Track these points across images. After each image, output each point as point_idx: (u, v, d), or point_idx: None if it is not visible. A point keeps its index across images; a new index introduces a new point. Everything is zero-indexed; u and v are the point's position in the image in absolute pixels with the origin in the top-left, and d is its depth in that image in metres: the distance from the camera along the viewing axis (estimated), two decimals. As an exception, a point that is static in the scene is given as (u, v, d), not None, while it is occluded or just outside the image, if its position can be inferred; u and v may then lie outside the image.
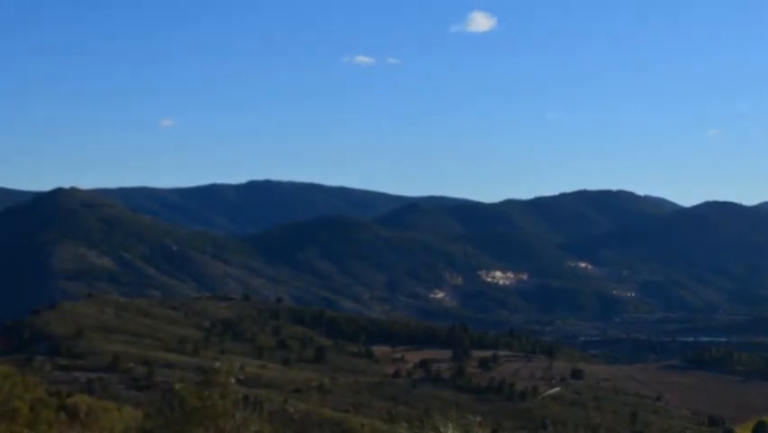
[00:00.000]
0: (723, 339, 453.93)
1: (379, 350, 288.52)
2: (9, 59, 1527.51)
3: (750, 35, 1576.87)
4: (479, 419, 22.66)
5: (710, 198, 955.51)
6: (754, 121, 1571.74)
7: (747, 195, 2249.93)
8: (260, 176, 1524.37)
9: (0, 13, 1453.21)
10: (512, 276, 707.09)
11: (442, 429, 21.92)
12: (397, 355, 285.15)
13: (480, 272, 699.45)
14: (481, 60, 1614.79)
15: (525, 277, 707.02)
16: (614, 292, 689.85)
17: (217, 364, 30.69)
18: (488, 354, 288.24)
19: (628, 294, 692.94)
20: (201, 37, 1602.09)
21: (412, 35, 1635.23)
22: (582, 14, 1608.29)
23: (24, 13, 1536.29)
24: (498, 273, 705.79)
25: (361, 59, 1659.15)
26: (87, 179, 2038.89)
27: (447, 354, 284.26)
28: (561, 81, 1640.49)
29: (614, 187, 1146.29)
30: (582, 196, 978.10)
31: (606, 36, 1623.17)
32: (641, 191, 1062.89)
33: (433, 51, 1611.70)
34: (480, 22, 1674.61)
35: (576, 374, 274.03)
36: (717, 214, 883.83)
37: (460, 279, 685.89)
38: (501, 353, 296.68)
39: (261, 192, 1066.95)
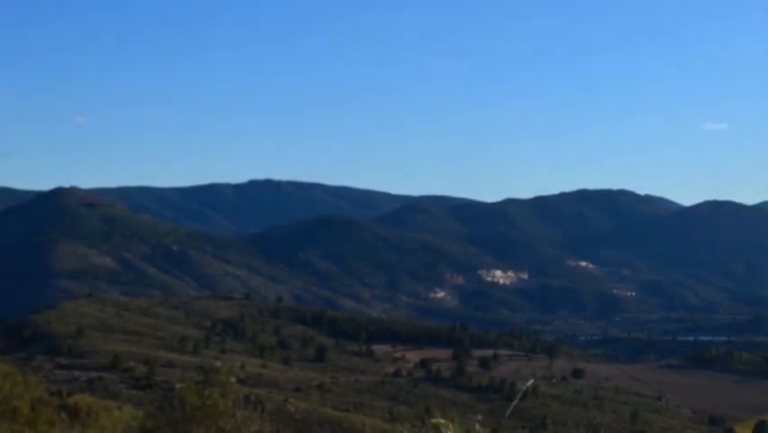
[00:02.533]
0: (723, 338, 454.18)
1: (379, 349, 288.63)
2: (9, 59, 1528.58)
3: (748, 32, 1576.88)
4: (479, 417, 22.72)
5: (711, 198, 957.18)
6: (755, 119, 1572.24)
7: (748, 194, 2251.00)
8: (260, 175, 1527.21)
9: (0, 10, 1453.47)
10: (512, 275, 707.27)
11: (442, 430, 21.95)
12: (398, 355, 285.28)
13: (480, 272, 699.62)
14: (481, 61, 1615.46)
15: (525, 276, 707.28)
16: (614, 292, 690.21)
17: (218, 364, 30.76)
18: (488, 353, 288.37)
19: (629, 293, 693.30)
20: (201, 36, 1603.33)
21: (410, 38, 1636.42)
22: (578, 18, 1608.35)
23: (24, 13, 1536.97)
24: (499, 273, 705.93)
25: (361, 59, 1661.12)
26: (87, 179, 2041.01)
27: (448, 353, 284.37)
28: (560, 82, 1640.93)
29: (614, 186, 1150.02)
30: (583, 195, 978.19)
31: (604, 37, 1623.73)
32: (641, 191, 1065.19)
33: (433, 54, 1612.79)
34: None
35: (576, 374, 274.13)
36: (718, 213, 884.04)
37: (460, 278, 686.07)
38: (502, 352, 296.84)
39: (262, 192, 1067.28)
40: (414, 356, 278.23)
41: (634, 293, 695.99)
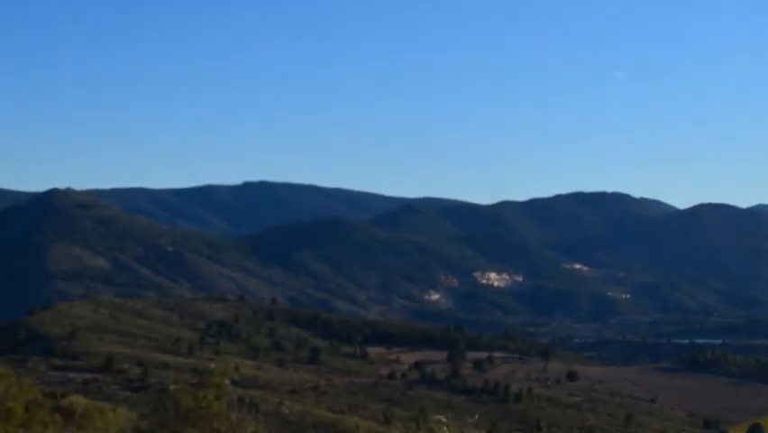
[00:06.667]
0: (718, 341, 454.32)
1: (374, 351, 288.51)
2: (8, 59, 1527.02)
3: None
4: (474, 419, 22.70)
5: (705, 200, 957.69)
6: (753, 121, 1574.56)
7: (742, 197, 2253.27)
8: (255, 177, 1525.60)
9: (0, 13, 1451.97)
10: (507, 277, 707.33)
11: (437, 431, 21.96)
12: (392, 357, 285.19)
13: (475, 274, 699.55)
14: (477, 64, 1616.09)
15: (520, 278, 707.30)
16: (609, 294, 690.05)
17: (212, 366, 30.69)
18: (483, 355, 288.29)
19: (623, 296, 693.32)
20: (198, 37, 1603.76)
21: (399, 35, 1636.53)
22: (578, 18, 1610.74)
23: (24, 14, 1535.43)
24: (494, 275, 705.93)
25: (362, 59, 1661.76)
26: (82, 180, 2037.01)
27: (442, 355, 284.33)
28: (557, 82, 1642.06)
29: (609, 188, 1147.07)
30: (577, 197, 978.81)
31: (605, 39, 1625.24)
32: (636, 193, 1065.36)
33: (430, 52, 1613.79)
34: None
35: (571, 376, 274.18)
36: (712, 216, 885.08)
37: (455, 280, 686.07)
38: (496, 354, 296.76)
39: (257, 193, 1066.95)
40: (408, 358, 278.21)
41: (628, 296, 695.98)
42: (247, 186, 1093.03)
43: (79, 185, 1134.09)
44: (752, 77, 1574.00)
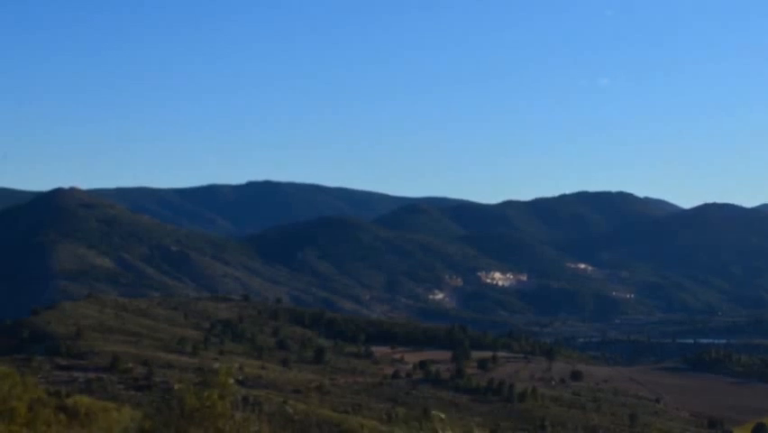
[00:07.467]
0: (722, 341, 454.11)
1: (378, 351, 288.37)
2: (9, 59, 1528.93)
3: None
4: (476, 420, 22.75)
5: (710, 200, 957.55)
6: (758, 121, 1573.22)
7: (747, 197, 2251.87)
8: (259, 176, 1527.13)
9: (0, 12, 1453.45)
10: (511, 277, 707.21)
11: (440, 431, 21.98)
12: (397, 356, 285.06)
13: (479, 273, 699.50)
14: (481, 63, 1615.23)
15: (524, 278, 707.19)
16: (613, 294, 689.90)
17: (216, 365, 30.75)
18: (487, 354, 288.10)
19: (627, 295, 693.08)
20: (200, 37, 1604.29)
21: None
22: (578, 18, 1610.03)
23: (24, 14, 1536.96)
24: (498, 274, 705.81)
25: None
26: (87, 180, 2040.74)
27: (446, 354, 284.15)
28: (558, 82, 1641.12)
29: (613, 188, 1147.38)
30: (582, 197, 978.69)
31: (605, 39, 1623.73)
32: (641, 193, 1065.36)
33: (432, 55, 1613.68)
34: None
35: (575, 376, 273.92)
36: (717, 215, 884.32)
37: (459, 280, 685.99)
38: (500, 354, 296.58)
39: (261, 193, 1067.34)
40: (412, 358, 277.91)
41: (633, 295, 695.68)
42: (251, 185, 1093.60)
43: (84, 184, 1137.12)
44: (759, 76, 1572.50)
